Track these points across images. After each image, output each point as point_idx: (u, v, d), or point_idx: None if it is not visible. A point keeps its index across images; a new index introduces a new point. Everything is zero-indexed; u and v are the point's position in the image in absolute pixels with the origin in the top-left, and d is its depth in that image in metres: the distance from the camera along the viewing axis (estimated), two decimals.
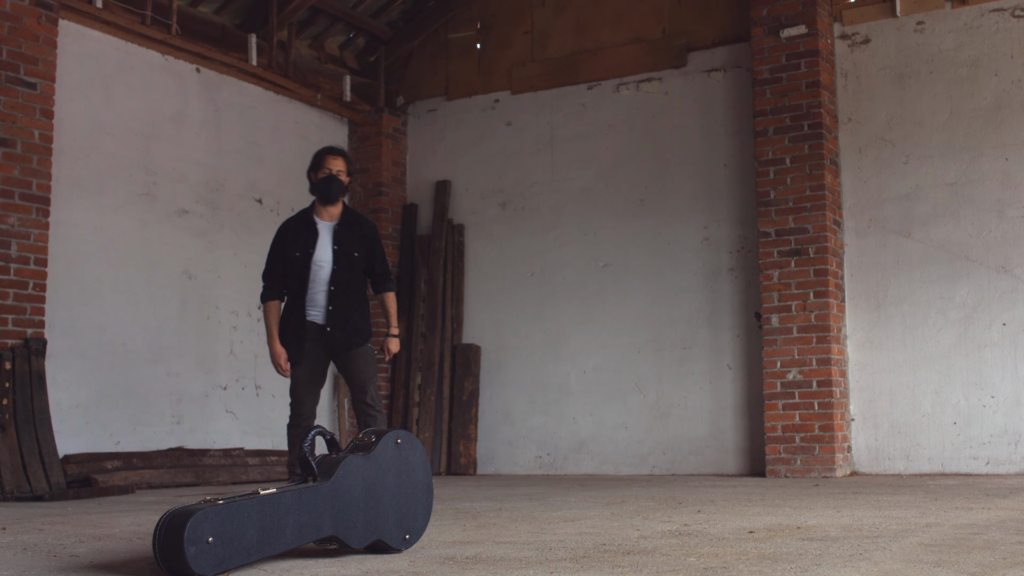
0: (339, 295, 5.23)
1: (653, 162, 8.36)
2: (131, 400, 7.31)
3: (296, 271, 5.24)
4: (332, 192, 5.26)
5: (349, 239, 5.29)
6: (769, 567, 2.82)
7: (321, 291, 5.22)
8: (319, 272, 5.23)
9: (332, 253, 5.23)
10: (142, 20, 7.38)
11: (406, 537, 3.31)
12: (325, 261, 5.23)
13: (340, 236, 5.27)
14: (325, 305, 5.23)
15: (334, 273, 5.22)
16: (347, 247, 5.27)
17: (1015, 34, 7.29)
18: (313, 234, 5.26)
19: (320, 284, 5.22)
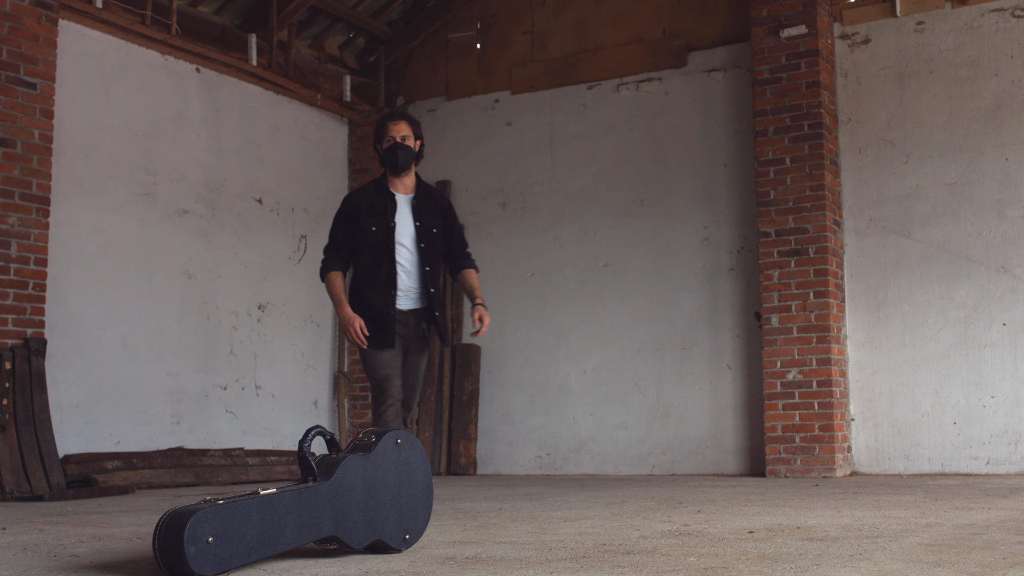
0: (432, 279, 4.74)
1: (653, 162, 8.36)
2: (131, 400, 7.31)
3: (373, 249, 4.71)
4: (400, 160, 4.71)
5: (429, 214, 4.80)
6: (769, 567, 2.82)
7: (408, 272, 4.72)
8: (402, 251, 4.72)
9: (415, 230, 4.73)
10: (142, 20, 7.38)
11: (406, 537, 3.31)
12: (408, 238, 4.73)
13: (420, 210, 4.77)
14: (417, 288, 4.74)
15: (422, 252, 4.72)
16: (428, 223, 4.78)
17: (1015, 34, 7.29)
18: (392, 206, 4.73)
19: (406, 265, 4.71)
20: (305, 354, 8.78)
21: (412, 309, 4.76)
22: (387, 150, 4.75)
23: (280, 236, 8.58)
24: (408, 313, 4.75)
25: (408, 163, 4.76)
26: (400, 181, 4.80)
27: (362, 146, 9.30)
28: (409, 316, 4.76)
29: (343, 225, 4.81)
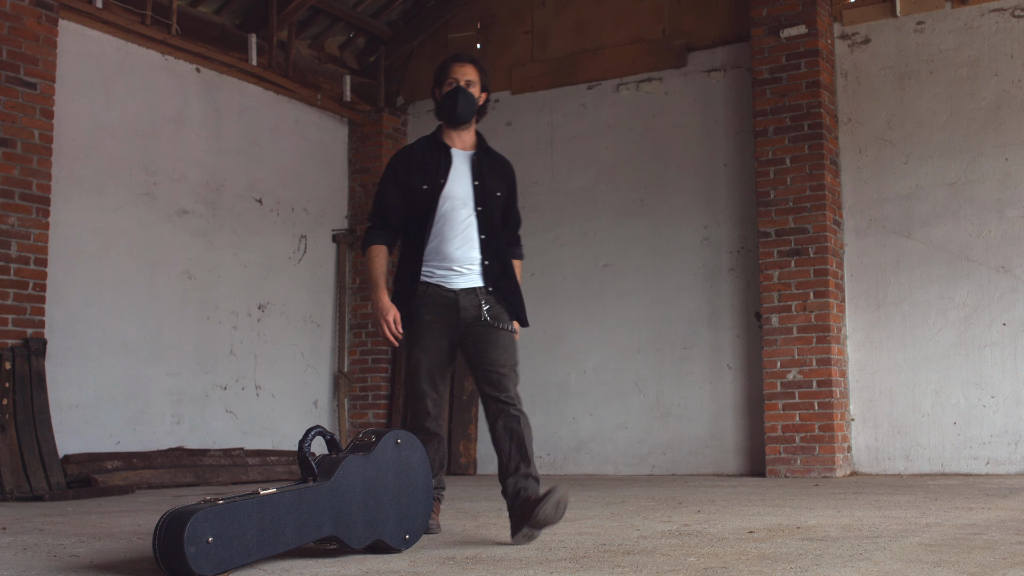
0: (492, 248, 3.91)
1: (653, 162, 8.36)
2: (131, 400, 7.31)
3: (421, 212, 3.90)
4: (460, 106, 3.96)
5: (492, 175, 4.00)
6: (769, 567, 2.82)
7: (461, 240, 3.88)
8: (455, 214, 3.88)
9: (472, 189, 3.92)
10: (142, 20, 7.38)
11: (406, 537, 3.31)
12: (464, 199, 3.91)
13: (480, 168, 3.97)
14: (476, 259, 3.89)
15: (481, 216, 3.89)
16: (490, 184, 3.97)
17: (1015, 34, 7.29)
18: (446, 160, 3.95)
19: (459, 230, 3.88)
20: (305, 354, 8.78)
21: (469, 288, 3.87)
22: (446, 95, 4.00)
23: (280, 236, 8.58)
24: (463, 294, 3.86)
25: (469, 113, 3.99)
26: (458, 135, 4.03)
27: (362, 146, 9.30)
28: (465, 298, 3.86)
29: (392, 186, 4.00)
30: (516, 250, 4.15)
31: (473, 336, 3.87)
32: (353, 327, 9.14)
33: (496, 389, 3.80)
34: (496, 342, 3.85)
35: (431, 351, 3.91)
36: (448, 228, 3.88)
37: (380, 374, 9.02)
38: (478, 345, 3.87)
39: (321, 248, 9.00)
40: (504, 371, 3.82)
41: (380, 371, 9.02)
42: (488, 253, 3.91)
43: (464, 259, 3.88)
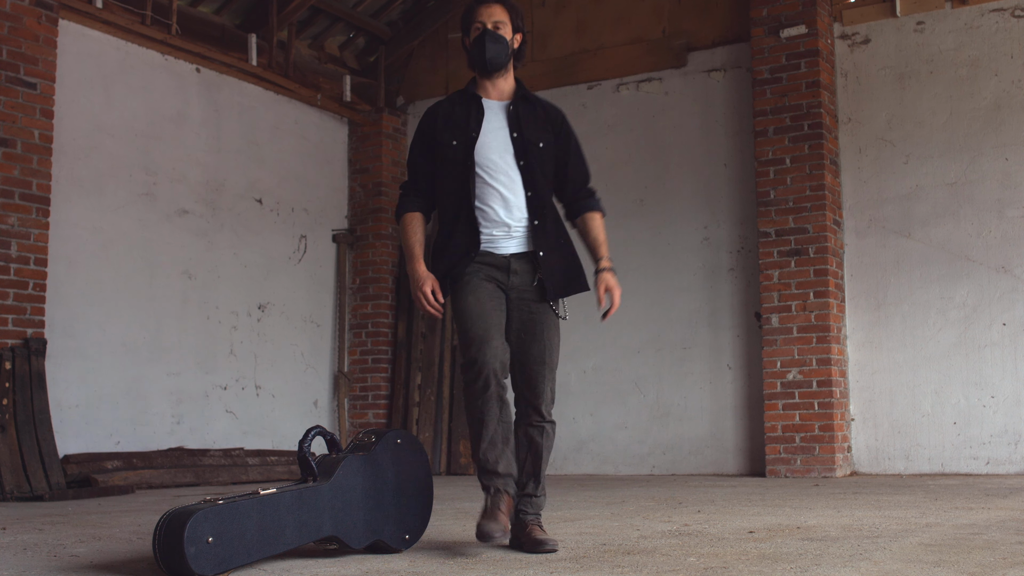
0: (540, 206, 3.50)
1: (653, 162, 8.36)
2: (131, 400, 7.31)
3: (455, 172, 3.51)
4: (489, 52, 3.52)
5: (534, 125, 3.56)
6: (769, 567, 2.82)
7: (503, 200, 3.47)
8: (492, 171, 3.48)
9: (512, 142, 3.50)
10: (142, 20, 7.38)
11: (406, 537, 3.31)
12: (502, 153, 3.50)
13: (519, 119, 3.54)
14: (523, 219, 3.48)
15: (524, 170, 3.49)
16: (531, 135, 3.53)
17: (1015, 34, 7.29)
18: (478, 112, 3.54)
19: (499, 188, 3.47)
20: (305, 354, 8.78)
21: (520, 253, 3.48)
22: (474, 42, 3.55)
23: (280, 236, 8.58)
24: (515, 259, 3.47)
25: (502, 59, 3.53)
26: (492, 84, 3.59)
27: (362, 146, 9.30)
28: (517, 263, 3.47)
29: (420, 148, 3.60)
30: (591, 202, 3.68)
31: (519, 315, 3.46)
32: (353, 327, 9.14)
33: (531, 390, 3.45)
34: (542, 332, 3.46)
35: (484, 298, 3.42)
36: (486, 187, 3.46)
37: (380, 374, 9.02)
38: (521, 333, 3.44)
39: (321, 248, 9.00)
40: (544, 371, 3.46)
41: (380, 371, 9.02)
42: (536, 212, 3.46)
43: (509, 220, 3.46)
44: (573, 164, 3.64)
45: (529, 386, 3.47)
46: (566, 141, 3.63)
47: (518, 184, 3.48)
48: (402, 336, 9.02)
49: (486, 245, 3.46)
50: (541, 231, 3.48)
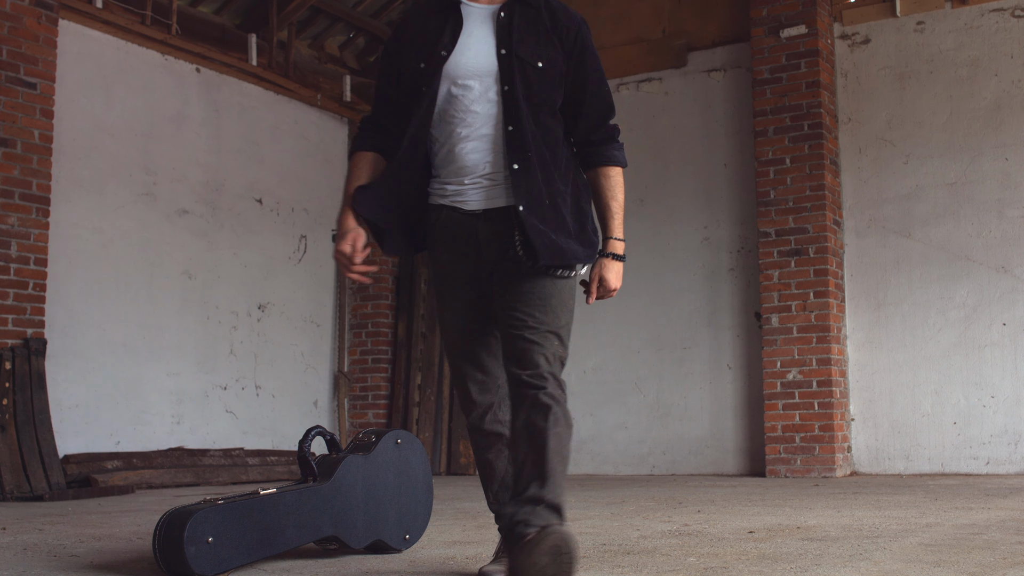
0: (525, 144, 2.60)
1: (653, 162, 8.36)
2: (131, 400, 7.31)
3: (422, 101, 2.66)
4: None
5: (531, 39, 2.66)
6: (769, 567, 2.82)
7: (478, 137, 2.63)
8: (466, 99, 2.63)
9: (497, 59, 2.63)
10: (142, 20, 7.38)
11: (406, 537, 3.31)
12: (481, 74, 2.64)
13: (510, 28, 2.65)
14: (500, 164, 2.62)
15: (507, 97, 2.60)
16: (525, 51, 2.64)
17: (1015, 34, 7.29)
18: (454, 21, 2.68)
19: (474, 122, 2.63)
20: (305, 354, 8.78)
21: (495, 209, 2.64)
22: None
23: (280, 236, 8.58)
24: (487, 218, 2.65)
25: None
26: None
27: None
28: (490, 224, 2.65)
29: (386, 72, 2.79)
30: (610, 150, 2.74)
31: (501, 278, 2.65)
32: (353, 327, 9.14)
33: (518, 362, 2.57)
34: (530, 291, 2.60)
35: (460, 311, 2.71)
36: (457, 121, 2.63)
37: (380, 374, 9.02)
38: (505, 295, 2.63)
39: (321, 248, 9.00)
40: (533, 336, 2.57)
41: (380, 371, 9.02)
42: (518, 153, 2.59)
43: (482, 165, 2.63)
44: (589, 91, 2.71)
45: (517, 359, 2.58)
46: (580, 59, 2.70)
47: (498, 117, 2.61)
48: (402, 336, 9.02)
49: (452, 198, 2.67)
50: (523, 179, 2.58)
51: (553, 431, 2.51)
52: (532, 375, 2.55)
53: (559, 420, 2.52)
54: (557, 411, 2.53)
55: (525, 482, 2.50)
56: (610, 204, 2.74)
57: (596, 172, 2.75)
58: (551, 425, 2.51)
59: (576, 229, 2.65)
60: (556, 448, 2.50)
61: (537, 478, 2.49)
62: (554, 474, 2.48)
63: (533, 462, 2.51)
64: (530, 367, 2.56)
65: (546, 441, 2.50)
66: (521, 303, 2.61)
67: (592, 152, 2.75)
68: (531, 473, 2.50)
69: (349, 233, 2.69)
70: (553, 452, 2.50)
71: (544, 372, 2.56)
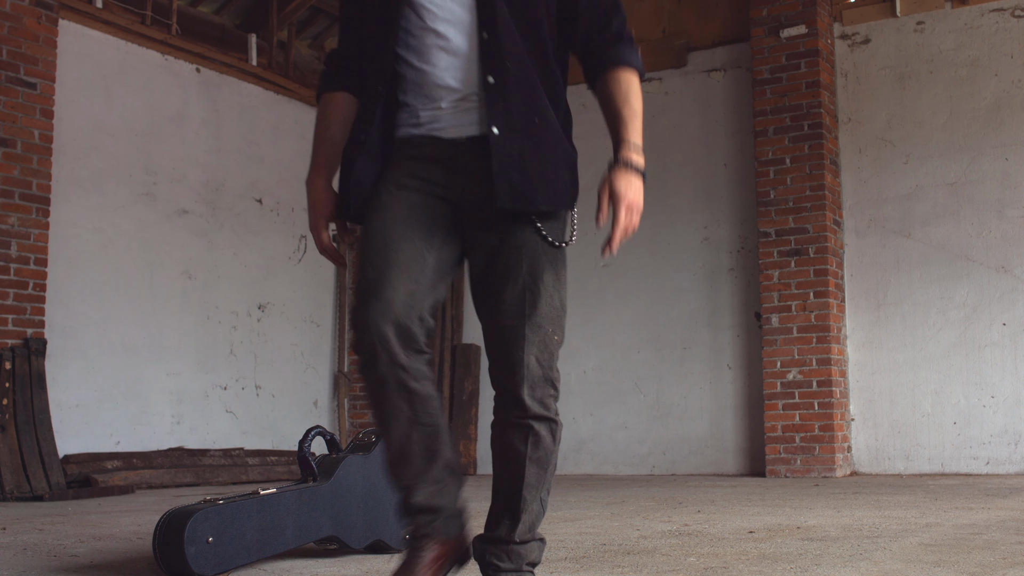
0: (497, 55, 2.17)
1: (653, 162, 8.31)
2: (131, 400, 7.31)
3: (382, 30, 2.25)
4: None
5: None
6: (769, 567, 2.82)
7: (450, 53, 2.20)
8: (433, 20, 2.21)
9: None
10: (142, 20, 7.38)
11: (406, 537, 3.31)
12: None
13: None
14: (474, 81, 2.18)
15: (484, 21, 2.18)
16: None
17: (1015, 34, 7.29)
18: None
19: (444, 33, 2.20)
20: (305, 354, 8.78)
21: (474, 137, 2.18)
22: None
23: (280, 236, 8.58)
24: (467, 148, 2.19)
25: None
26: None
27: None
28: (469, 155, 2.18)
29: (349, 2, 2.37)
30: (619, 51, 2.24)
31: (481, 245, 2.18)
32: None
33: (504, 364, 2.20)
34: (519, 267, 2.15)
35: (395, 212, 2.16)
36: (425, 36, 2.20)
37: None
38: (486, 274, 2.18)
39: None
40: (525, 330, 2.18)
41: None
42: (493, 64, 2.14)
43: (457, 84, 2.18)
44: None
45: (502, 357, 2.19)
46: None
47: (469, 26, 2.17)
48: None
49: (426, 126, 2.20)
50: (499, 96, 2.13)
51: (532, 455, 2.22)
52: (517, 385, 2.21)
53: (541, 442, 2.24)
54: (542, 432, 2.25)
55: (495, 519, 2.24)
56: (621, 109, 2.21)
57: (603, 79, 2.23)
58: (530, 450, 2.21)
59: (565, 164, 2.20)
60: (534, 475, 2.21)
61: (507, 514, 2.22)
62: (525, 507, 2.21)
63: (506, 495, 2.23)
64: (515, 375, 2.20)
65: (522, 469, 2.21)
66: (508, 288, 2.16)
67: (596, 57, 2.24)
68: (501, 508, 2.24)
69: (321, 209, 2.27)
70: (529, 482, 2.21)
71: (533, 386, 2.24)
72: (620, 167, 2.18)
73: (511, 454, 2.21)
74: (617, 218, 2.17)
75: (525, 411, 2.22)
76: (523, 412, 2.22)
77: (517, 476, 2.21)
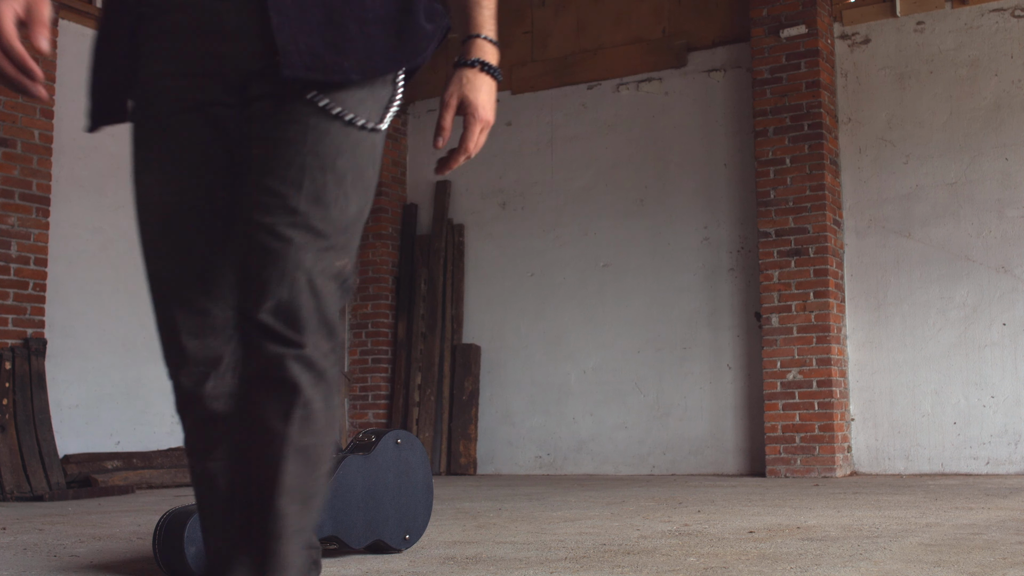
0: None
1: (653, 162, 8.36)
2: (131, 400, 7.31)
3: None
4: None
5: None
6: (769, 567, 2.82)
7: None
8: None
9: None
10: None
11: (406, 537, 3.31)
12: None
13: None
14: None
15: None
16: None
17: (1015, 34, 7.29)
18: None
19: None
20: None
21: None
22: None
23: None
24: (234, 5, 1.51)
25: None
26: None
27: None
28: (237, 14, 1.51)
29: None
30: None
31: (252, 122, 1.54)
32: (353, 327, 9.14)
33: (253, 287, 1.45)
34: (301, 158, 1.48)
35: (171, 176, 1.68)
36: None
37: (380, 374, 9.02)
38: (254, 160, 1.52)
39: None
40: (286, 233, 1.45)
41: (380, 371, 9.02)
42: None
43: None
44: None
45: (255, 269, 1.45)
46: None
47: None
48: (402, 336, 9.02)
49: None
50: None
51: (297, 444, 1.37)
52: (274, 315, 1.39)
53: (312, 416, 1.39)
54: (312, 397, 1.39)
55: (229, 552, 1.39)
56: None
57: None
58: (295, 431, 1.37)
59: (389, 14, 1.52)
60: (295, 495, 1.36)
61: (251, 550, 1.37)
62: (285, 542, 1.35)
63: (250, 513, 1.38)
64: (270, 298, 1.40)
65: (278, 473, 1.36)
66: (272, 168, 1.46)
67: None
68: (243, 538, 1.38)
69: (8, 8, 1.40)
70: (288, 495, 1.36)
71: (298, 311, 1.40)
72: (472, 69, 1.65)
73: (264, 440, 1.35)
74: (467, 137, 1.69)
75: (285, 345, 1.37)
76: (279, 350, 1.37)
77: (269, 480, 1.35)
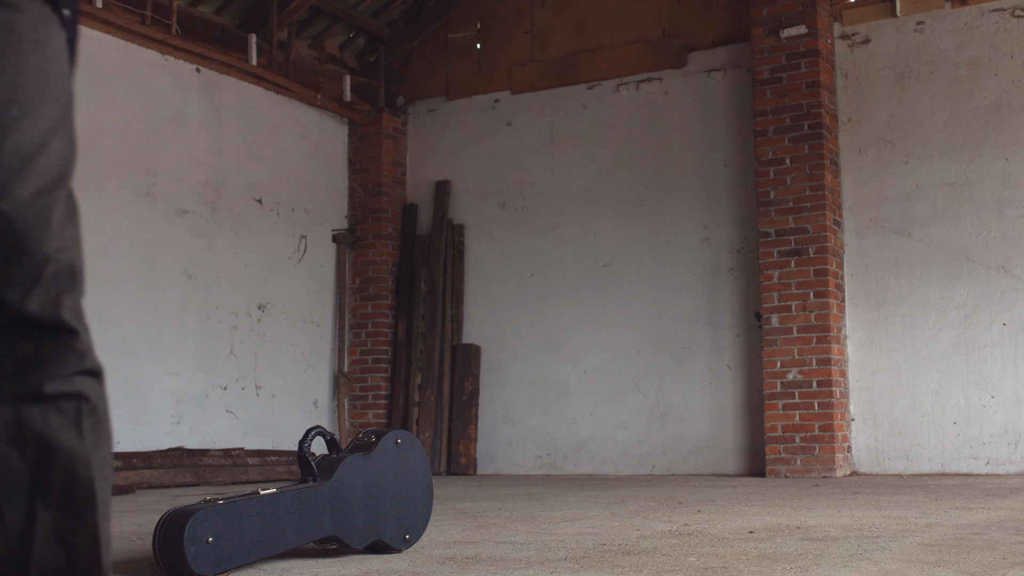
0: None
1: (653, 162, 8.36)
2: (131, 400, 7.31)
3: None
4: None
5: None
6: (769, 567, 2.82)
7: None
8: None
9: None
10: (142, 20, 7.37)
11: (406, 537, 3.31)
12: None
13: None
14: None
15: None
16: None
17: (1015, 34, 7.29)
18: None
19: None
20: (305, 354, 8.78)
21: None
22: None
23: (280, 236, 8.58)
24: None
25: None
26: None
27: (362, 146, 9.30)
28: None
29: None
30: None
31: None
32: (353, 327, 9.14)
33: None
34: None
35: None
36: None
37: (380, 374, 9.02)
38: None
39: (321, 248, 9.00)
40: None
41: (380, 371, 9.02)
42: None
43: None
44: None
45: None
46: None
47: None
48: (402, 336, 9.02)
49: None
50: None
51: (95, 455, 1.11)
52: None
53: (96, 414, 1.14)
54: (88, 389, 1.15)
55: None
56: None
57: None
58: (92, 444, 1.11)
59: None
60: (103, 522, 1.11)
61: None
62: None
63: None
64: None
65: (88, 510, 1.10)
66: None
67: None
68: None
69: None
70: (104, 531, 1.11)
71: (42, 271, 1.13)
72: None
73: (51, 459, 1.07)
74: None
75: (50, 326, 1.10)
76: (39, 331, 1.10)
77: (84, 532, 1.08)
